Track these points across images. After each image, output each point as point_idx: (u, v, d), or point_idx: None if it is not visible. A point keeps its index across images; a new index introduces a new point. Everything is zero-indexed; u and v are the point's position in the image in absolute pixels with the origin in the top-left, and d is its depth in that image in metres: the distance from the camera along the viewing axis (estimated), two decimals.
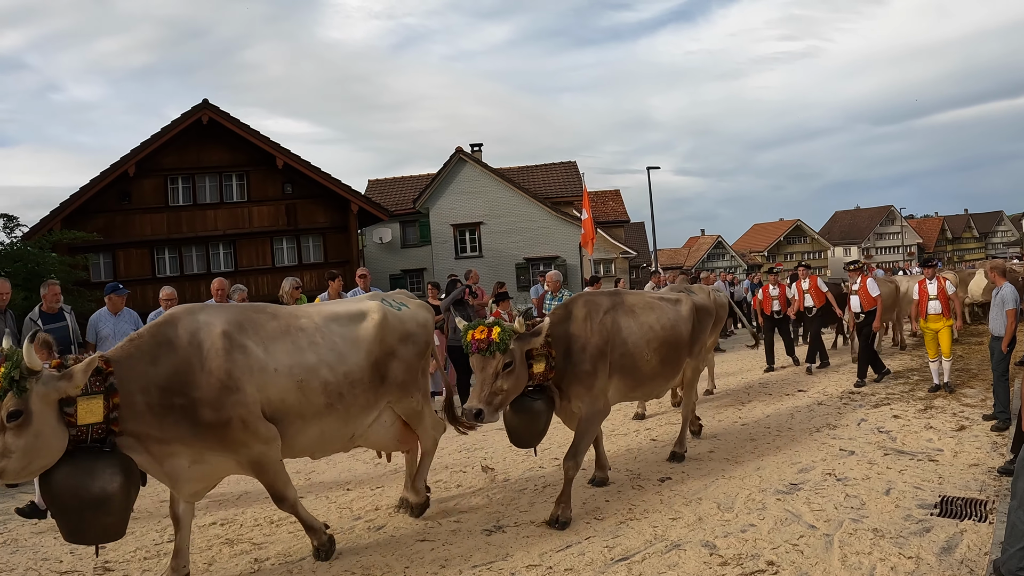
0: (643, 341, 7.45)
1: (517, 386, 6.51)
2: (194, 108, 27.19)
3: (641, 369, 7.46)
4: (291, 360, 5.68)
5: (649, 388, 7.91)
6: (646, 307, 7.77)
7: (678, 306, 8.20)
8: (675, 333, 7.88)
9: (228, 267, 28.32)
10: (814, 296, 15.25)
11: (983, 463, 7.71)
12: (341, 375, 5.94)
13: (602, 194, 51.85)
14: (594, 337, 7.04)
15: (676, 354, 7.97)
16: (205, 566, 6.10)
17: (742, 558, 5.66)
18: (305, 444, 5.94)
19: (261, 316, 5.85)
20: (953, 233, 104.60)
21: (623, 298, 7.71)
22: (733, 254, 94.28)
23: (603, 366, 7.05)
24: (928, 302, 11.81)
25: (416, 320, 6.78)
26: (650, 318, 7.66)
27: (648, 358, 7.49)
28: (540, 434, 6.97)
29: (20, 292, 14.00)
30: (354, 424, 6.17)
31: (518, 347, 6.43)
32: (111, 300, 9.74)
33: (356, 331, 6.24)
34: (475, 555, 6.03)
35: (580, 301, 7.38)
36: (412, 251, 40.24)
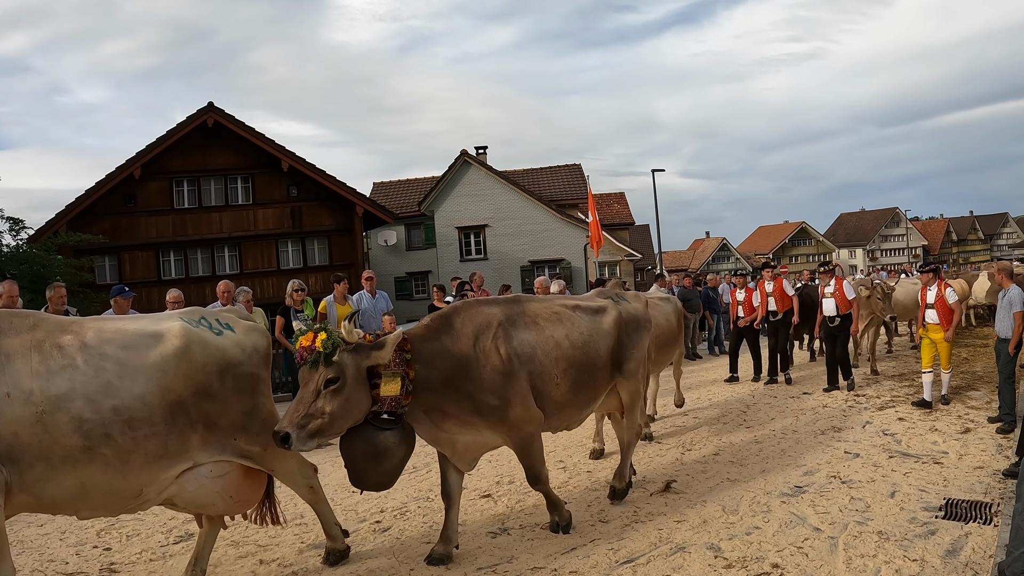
0: (549, 360, 6.17)
1: (347, 410, 5.28)
2: (199, 111, 27.22)
3: (550, 394, 6.18)
4: (32, 384, 4.51)
5: (561, 418, 6.51)
6: (553, 318, 6.46)
7: (598, 316, 6.90)
8: (591, 350, 6.57)
9: (233, 269, 28.33)
10: (778, 301, 14.10)
11: (988, 466, 7.70)
12: (108, 410, 4.66)
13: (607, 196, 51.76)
14: (492, 358, 5.84)
15: (592, 376, 6.61)
16: (210, 568, 6.11)
17: (747, 561, 5.66)
18: (59, 496, 4.66)
19: (10, 324, 4.74)
20: (958, 235, 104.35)
21: (524, 306, 6.42)
22: (738, 256, 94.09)
23: (512, 388, 5.86)
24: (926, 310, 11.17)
25: (242, 347, 5.38)
26: (557, 332, 6.36)
27: (557, 382, 6.21)
28: (387, 473, 5.64)
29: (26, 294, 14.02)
30: (138, 477, 4.84)
31: (351, 361, 5.30)
32: (117, 303, 9.77)
33: (142, 357, 4.91)
34: (480, 557, 6.04)
35: (464, 310, 6.09)
36: (417, 254, 40.27)
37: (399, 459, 5.66)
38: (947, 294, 10.89)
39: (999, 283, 9.81)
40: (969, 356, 15.42)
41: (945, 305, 10.84)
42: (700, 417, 11.12)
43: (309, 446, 5.17)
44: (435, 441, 6.02)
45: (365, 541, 6.56)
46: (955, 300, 10.95)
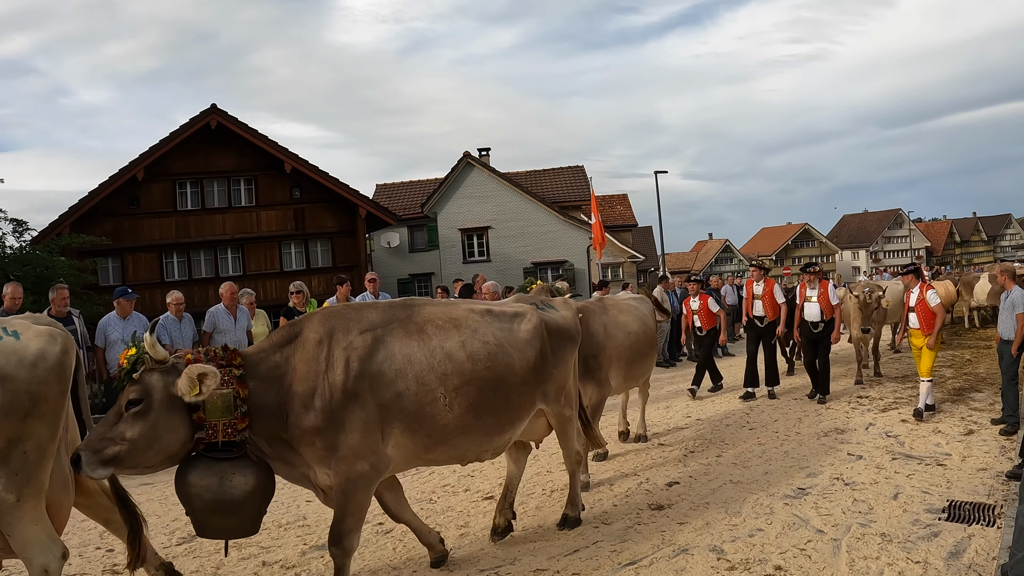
0: (434, 376, 5.22)
1: (152, 438, 4.52)
2: (202, 113, 27.24)
3: (435, 418, 5.23)
4: None
5: (459, 447, 5.48)
6: (447, 325, 5.49)
7: (514, 324, 5.88)
8: (498, 364, 5.54)
9: (236, 271, 28.34)
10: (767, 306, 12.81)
11: (991, 467, 7.70)
12: None
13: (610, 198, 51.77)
14: (333, 372, 4.96)
15: (502, 396, 5.58)
16: (213, 569, 6.12)
17: (749, 563, 5.65)
18: None
19: None
20: (961, 236, 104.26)
21: (413, 311, 5.52)
22: (741, 258, 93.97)
23: (353, 414, 4.94)
24: (909, 313, 10.64)
25: (23, 361, 4.23)
26: (449, 341, 5.39)
27: (445, 401, 5.25)
28: (232, 515, 4.83)
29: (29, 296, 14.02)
30: None
31: (160, 382, 4.57)
32: (120, 304, 9.79)
33: None
34: (483, 559, 6.04)
35: (322, 316, 5.26)
36: (420, 255, 40.27)
37: (243, 497, 4.78)
38: (928, 296, 10.31)
39: (1002, 285, 9.79)
40: (972, 358, 15.41)
41: (927, 308, 10.27)
42: (703, 418, 11.12)
43: (101, 474, 4.51)
44: (292, 478, 5.20)
45: (368, 542, 6.56)
46: (937, 303, 10.30)
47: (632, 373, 9.04)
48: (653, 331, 9.55)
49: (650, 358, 9.56)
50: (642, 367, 9.33)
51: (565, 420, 6.40)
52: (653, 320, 9.70)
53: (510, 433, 5.82)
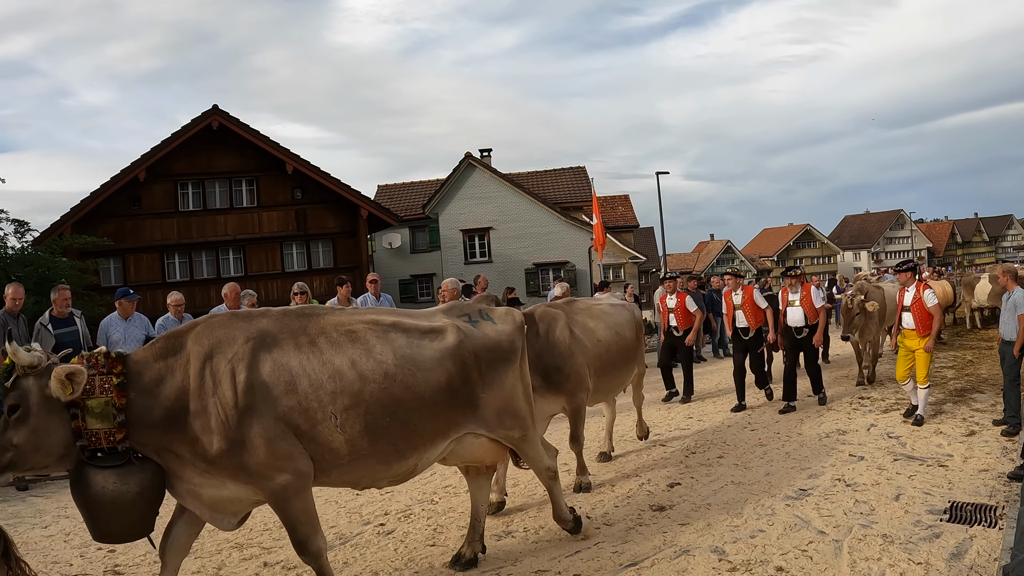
0: (322, 394, 4.76)
1: (36, 443, 4.40)
2: (204, 114, 27.28)
3: (325, 439, 4.77)
4: None
5: (352, 472, 5.01)
6: (343, 338, 5.01)
7: (426, 341, 5.31)
8: (399, 385, 5.01)
9: (238, 272, 28.36)
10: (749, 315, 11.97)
11: (993, 468, 7.69)
12: None
13: (611, 199, 51.81)
14: (221, 389, 4.59)
15: (404, 421, 5.02)
16: (215, 570, 6.12)
17: (751, 564, 5.65)
18: None
19: None
20: (963, 237, 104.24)
21: (308, 321, 5.04)
22: (743, 259, 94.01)
23: (252, 429, 4.58)
24: (901, 313, 10.22)
25: None
26: (341, 357, 4.90)
27: (337, 424, 4.78)
28: (114, 522, 4.61)
29: (31, 296, 14.04)
30: None
31: (35, 386, 4.41)
32: (121, 305, 9.79)
33: None
34: (485, 560, 6.03)
35: (204, 328, 4.83)
36: (421, 256, 40.32)
37: (126, 504, 4.54)
38: (926, 296, 9.86)
39: (1003, 285, 9.77)
40: (974, 359, 15.41)
41: (923, 309, 9.84)
42: (704, 420, 11.12)
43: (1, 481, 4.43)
44: (175, 493, 4.83)
45: (369, 544, 6.56)
46: (935, 304, 9.86)
47: (602, 384, 8.19)
48: (630, 340, 8.64)
49: (623, 371, 8.65)
50: (613, 380, 8.49)
51: (518, 442, 5.86)
52: (633, 327, 8.78)
53: (413, 461, 5.23)
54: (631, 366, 8.88)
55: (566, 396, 7.56)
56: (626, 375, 8.87)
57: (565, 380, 7.48)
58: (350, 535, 6.79)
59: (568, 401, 7.60)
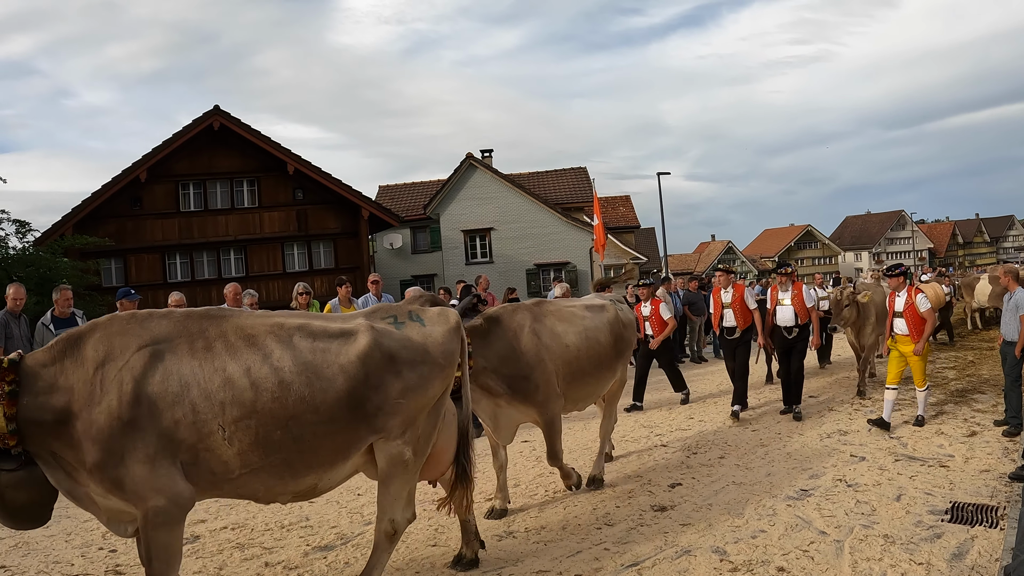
0: (211, 404, 4.42)
1: None
2: (205, 114, 27.32)
3: (216, 452, 4.45)
4: None
5: (248, 486, 4.64)
6: (239, 343, 4.64)
7: (332, 346, 4.85)
8: (290, 397, 4.57)
9: (239, 272, 28.40)
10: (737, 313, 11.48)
11: (994, 469, 7.69)
12: None
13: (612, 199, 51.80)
14: (108, 397, 4.31)
15: (291, 436, 4.58)
16: (216, 570, 6.12)
17: (752, 564, 5.65)
18: None
19: None
20: (964, 238, 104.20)
21: (208, 324, 4.69)
22: (744, 259, 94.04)
23: (133, 445, 4.28)
24: (894, 319, 10.09)
25: None
26: (234, 364, 4.54)
27: (224, 435, 4.42)
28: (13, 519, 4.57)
29: (32, 297, 14.07)
30: None
31: None
32: (123, 305, 9.79)
33: None
34: (486, 560, 6.03)
35: (101, 331, 4.55)
36: (423, 257, 40.36)
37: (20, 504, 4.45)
38: (918, 301, 9.79)
39: (1005, 286, 9.77)
40: (975, 359, 15.40)
41: (916, 314, 9.76)
42: (706, 420, 11.11)
43: None
44: (77, 500, 4.58)
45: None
46: (927, 308, 9.79)
47: (572, 393, 7.53)
48: (606, 346, 7.86)
49: (599, 379, 7.92)
50: (584, 389, 7.73)
51: (400, 464, 5.10)
52: (610, 332, 7.98)
53: (311, 480, 4.81)
54: (608, 374, 8.07)
55: (537, 408, 7.06)
56: (600, 384, 8.03)
57: (535, 390, 6.97)
58: (351, 535, 6.79)
59: (540, 413, 7.10)
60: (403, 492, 5.24)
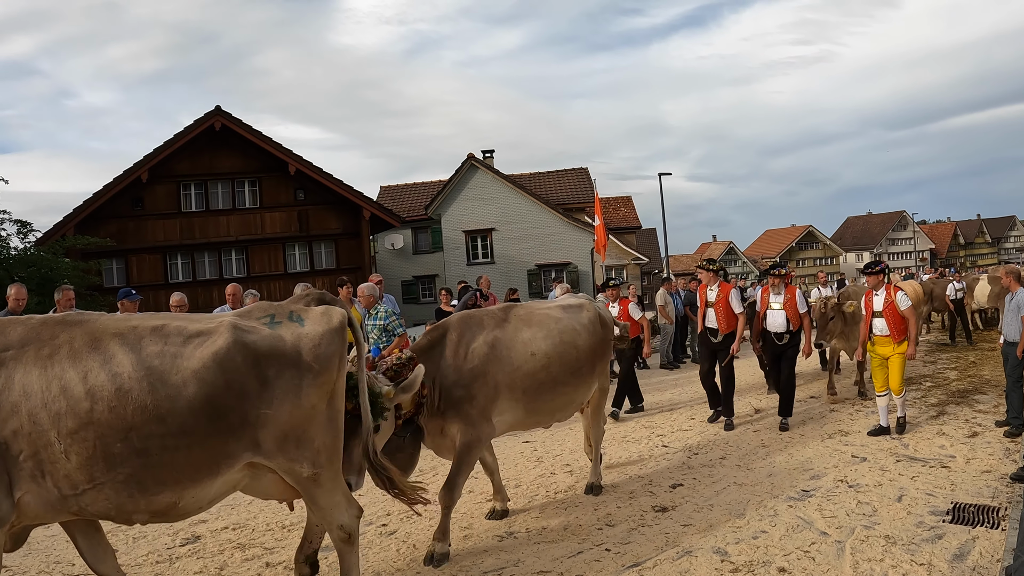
0: (46, 414, 4.06)
1: None
2: (207, 115, 27.34)
3: (55, 467, 4.08)
4: None
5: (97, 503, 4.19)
6: (84, 348, 4.24)
7: (184, 349, 4.38)
8: (127, 405, 4.14)
9: (240, 273, 28.42)
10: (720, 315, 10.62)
11: (996, 469, 7.68)
12: None
13: (614, 200, 51.81)
14: None
15: (131, 449, 4.14)
16: (217, 570, 6.13)
17: (753, 565, 5.65)
18: None
19: None
20: (966, 238, 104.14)
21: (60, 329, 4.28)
22: (745, 260, 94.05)
23: None
24: (872, 319, 9.68)
25: None
26: (71, 372, 4.14)
27: (60, 448, 4.06)
28: None
29: (34, 297, 14.07)
30: None
31: None
32: (123, 306, 9.79)
33: None
34: (486, 561, 6.04)
35: None
36: (424, 257, 40.40)
37: None
38: (898, 299, 9.40)
39: (1007, 286, 9.76)
40: (976, 360, 15.39)
41: (896, 313, 9.38)
42: (706, 421, 11.09)
43: None
44: None
45: (372, 544, 6.56)
46: (908, 306, 9.43)
47: (541, 406, 6.88)
48: (584, 350, 7.16)
49: (577, 387, 7.18)
50: (557, 400, 7.00)
51: (305, 482, 4.73)
52: (589, 335, 7.29)
53: (174, 495, 4.34)
54: (587, 381, 7.34)
55: (460, 423, 6.28)
56: (578, 392, 7.25)
57: (467, 402, 6.30)
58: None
59: (461, 431, 6.29)
60: (333, 500, 4.92)
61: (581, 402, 7.49)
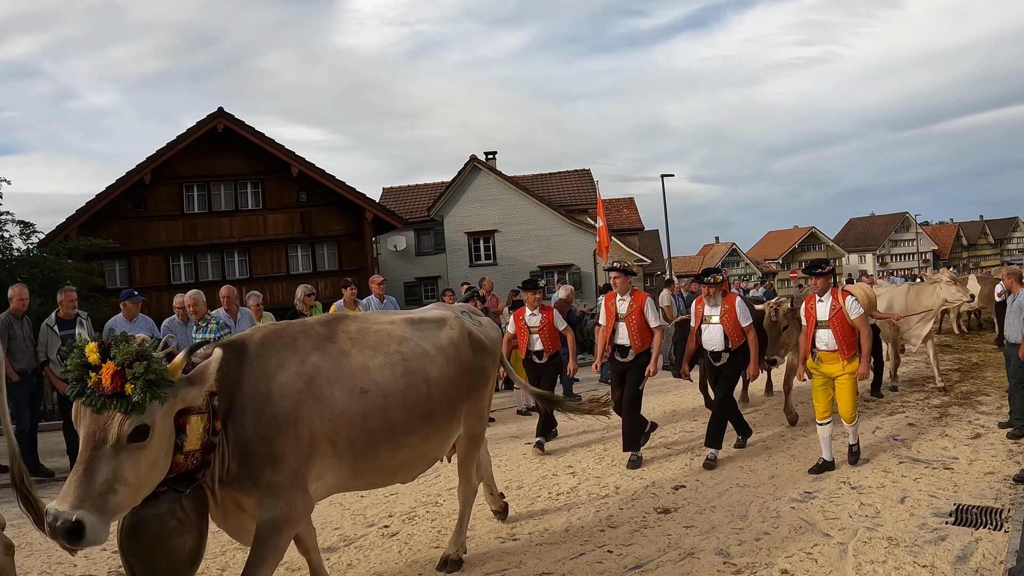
0: None
1: None
2: (209, 116, 27.42)
3: None
4: None
5: None
6: None
7: None
8: None
9: (243, 274, 28.51)
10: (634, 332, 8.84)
11: (998, 471, 7.66)
12: None
13: (616, 202, 51.78)
14: None
15: None
16: (219, 571, 6.12)
17: (756, 566, 5.64)
18: None
19: None
20: (968, 239, 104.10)
21: None
22: (748, 261, 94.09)
23: None
24: (816, 331, 8.11)
25: None
26: None
27: None
28: None
29: (36, 298, 14.07)
30: None
31: None
32: (126, 306, 9.81)
33: None
34: (488, 563, 6.03)
35: None
36: (426, 259, 40.43)
37: None
38: (848, 306, 7.90)
39: (1008, 287, 9.75)
40: (979, 361, 15.37)
41: (845, 322, 7.89)
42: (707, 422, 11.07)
43: None
44: None
45: (373, 546, 6.56)
46: (860, 314, 7.92)
47: (375, 464, 4.87)
48: (443, 381, 5.20)
49: (427, 438, 5.14)
50: (404, 452, 5.02)
51: None
52: (456, 359, 5.40)
53: None
54: (443, 429, 5.34)
55: (260, 494, 4.27)
56: (430, 445, 5.25)
57: (271, 464, 4.27)
58: (354, 537, 6.79)
59: (262, 503, 4.29)
60: None
61: (436, 457, 5.56)
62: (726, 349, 8.87)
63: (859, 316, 7.88)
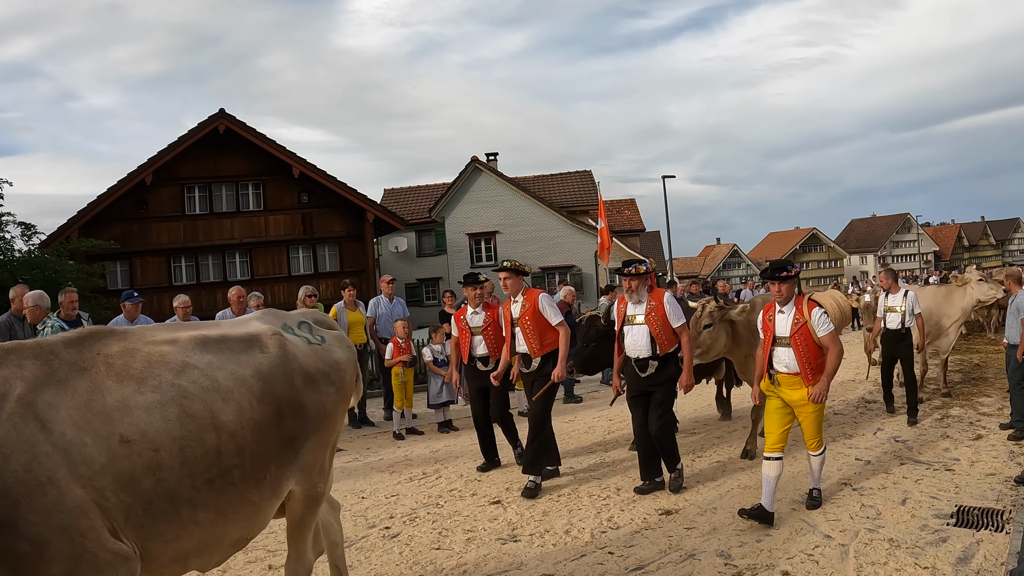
0: None
1: None
2: (211, 117, 27.44)
3: None
4: None
5: None
6: None
7: None
8: None
9: (244, 276, 28.50)
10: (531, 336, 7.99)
11: (1000, 472, 7.66)
12: None
13: (617, 203, 51.80)
14: None
15: None
16: (219, 572, 6.12)
17: (757, 568, 5.64)
18: None
19: None
20: (970, 241, 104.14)
21: None
22: (749, 263, 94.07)
23: None
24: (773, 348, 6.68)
25: None
26: None
27: None
28: None
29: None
30: None
31: None
32: (126, 308, 9.82)
33: None
34: (489, 564, 6.03)
35: None
36: (428, 260, 40.46)
37: None
38: (814, 320, 6.45)
39: (1008, 289, 9.75)
40: (981, 362, 15.36)
41: (810, 340, 6.44)
42: (710, 423, 11.09)
43: None
44: None
45: (374, 547, 6.55)
46: (830, 332, 6.48)
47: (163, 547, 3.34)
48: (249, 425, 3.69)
49: (222, 513, 3.54)
50: (203, 530, 3.50)
51: None
52: (270, 393, 3.87)
53: None
54: (255, 493, 3.74)
55: None
56: (236, 520, 3.67)
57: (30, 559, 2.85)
58: (355, 538, 6.78)
59: None
60: None
61: (247, 538, 3.91)
62: (654, 356, 7.37)
63: (828, 334, 6.44)
